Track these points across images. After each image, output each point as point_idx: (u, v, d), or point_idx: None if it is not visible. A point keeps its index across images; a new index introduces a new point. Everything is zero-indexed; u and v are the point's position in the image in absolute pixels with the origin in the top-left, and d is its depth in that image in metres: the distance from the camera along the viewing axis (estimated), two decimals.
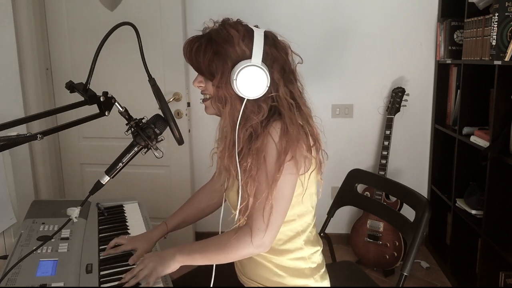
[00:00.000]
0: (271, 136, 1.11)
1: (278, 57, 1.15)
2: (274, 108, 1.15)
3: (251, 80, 1.10)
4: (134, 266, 1.22)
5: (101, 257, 1.28)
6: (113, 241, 1.34)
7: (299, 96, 1.19)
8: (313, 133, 1.18)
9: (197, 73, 1.20)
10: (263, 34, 1.14)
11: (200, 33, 1.18)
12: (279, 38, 1.19)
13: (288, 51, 1.19)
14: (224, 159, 1.18)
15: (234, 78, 1.09)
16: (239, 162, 1.14)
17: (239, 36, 1.12)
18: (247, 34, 1.13)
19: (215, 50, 1.12)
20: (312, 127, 1.19)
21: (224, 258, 1.17)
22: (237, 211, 1.16)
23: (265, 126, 1.13)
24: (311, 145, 1.16)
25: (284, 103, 1.14)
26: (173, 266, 1.15)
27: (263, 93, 1.12)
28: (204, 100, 1.23)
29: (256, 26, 1.17)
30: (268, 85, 1.11)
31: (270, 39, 1.16)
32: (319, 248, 1.32)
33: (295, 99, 1.17)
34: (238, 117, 1.14)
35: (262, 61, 1.11)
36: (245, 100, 1.13)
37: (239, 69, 1.09)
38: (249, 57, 1.11)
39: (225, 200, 1.34)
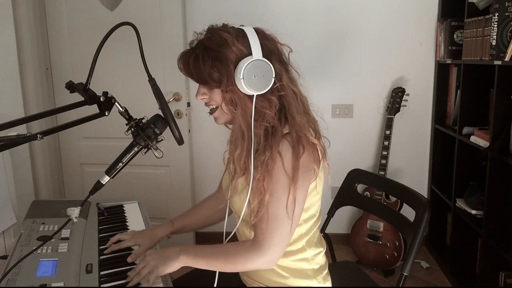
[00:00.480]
0: (285, 139, 1.12)
1: (273, 48, 1.16)
2: (280, 99, 1.15)
3: (257, 75, 1.09)
4: (135, 264, 1.22)
5: (101, 258, 1.28)
6: (115, 236, 1.33)
7: (295, 85, 1.20)
8: (312, 121, 1.20)
9: (199, 85, 1.18)
10: (253, 30, 1.14)
11: (188, 47, 1.17)
12: (266, 32, 1.19)
13: (277, 42, 1.19)
14: (242, 159, 1.17)
15: (241, 77, 1.09)
16: (256, 157, 1.14)
17: (232, 37, 1.11)
18: (239, 33, 1.13)
19: (214, 56, 1.11)
20: (310, 116, 1.20)
21: (230, 269, 1.17)
22: (249, 210, 1.15)
23: (278, 121, 1.14)
24: (314, 136, 1.17)
25: (289, 91, 1.15)
26: (175, 265, 1.14)
27: (271, 86, 1.12)
28: (211, 112, 1.21)
29: (242, 26, 1.17)
30: (274, 76, 1.12)
31: (261, 33, 1.16)
32: (322, 250, 1.32)
33: (295, 86, 1.18)
34: (251, 115, 1.13)
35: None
36: (254, 96, 1.12)
37: (243, 67, 1.08)
38: (248, 54, 1.11)
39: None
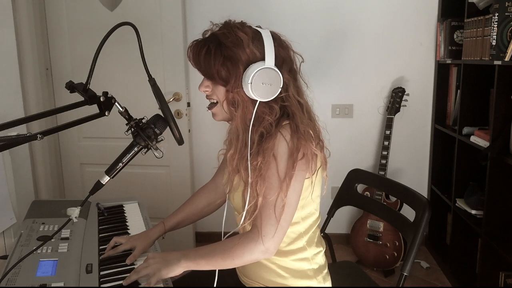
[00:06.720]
0: (282, 136, 1.11)
1: (286, 57, 1.15)
2: (283, 108, 1.15)
3: (265, 83, 1.09)
4: (134, 265, 1.22)
5: (101, 258, 1.28)
6: (112, 240, 1.34)
7: (301, 95, 1.20)
8: (317, 131, 1.19)
9: (204, 77, 1.18)
10: (270, 34, 1.13)
11: (201, 37, 1.17)
12: (282, 38, 1.18)
13: (291, 50, 1.19)
14: (234, 161, 1.17)
15: (249, 81, 1.08)
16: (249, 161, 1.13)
17: (248, 38, 1.10)
18: (255, 36, 1.12)
19: (226, 54, 1.10)
20: (315, 124, 1.20)
21: (229, 264, 1.17)
22: (245, 212, 1.16)
23: (275, 126, 1.13)
24: (317, 143, 1.16)
25: (294, 102, 1.15)
26: (177, 270, 1.14)
27: (277, 95, 1.12)
28: (210, 107, 1.21)
29: (259, 27, 1.17)
30: (281, 87, 1.12)
31: (277, 39, 1.16)
32: (321, 249, 1.32)
33: (301, 98, 1.18)
34: (251, 119, 1.13)
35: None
36: (258, 102, 1.12)
37: (254, 72, 1.08)
38: (260, 59, 1.11)
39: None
